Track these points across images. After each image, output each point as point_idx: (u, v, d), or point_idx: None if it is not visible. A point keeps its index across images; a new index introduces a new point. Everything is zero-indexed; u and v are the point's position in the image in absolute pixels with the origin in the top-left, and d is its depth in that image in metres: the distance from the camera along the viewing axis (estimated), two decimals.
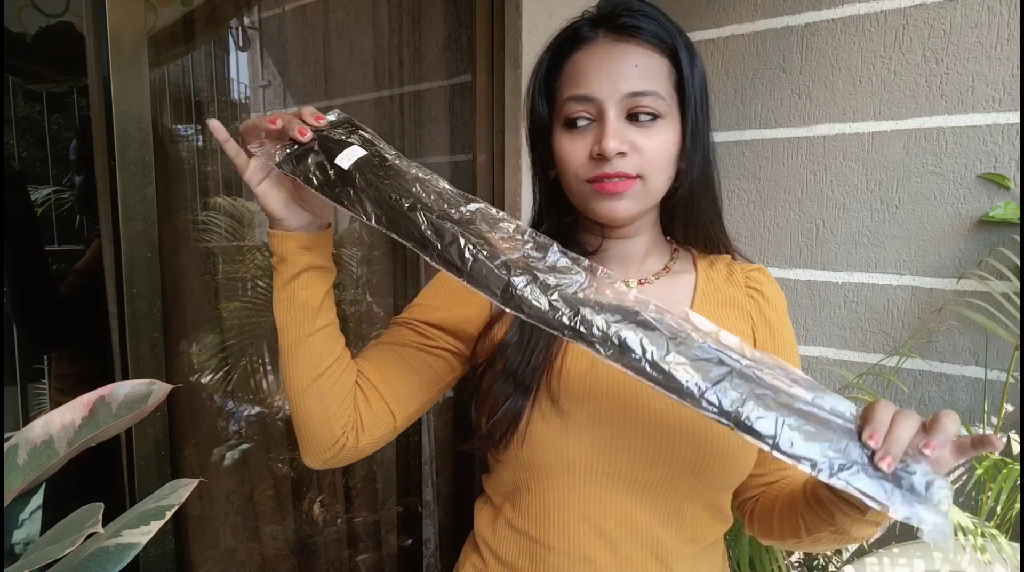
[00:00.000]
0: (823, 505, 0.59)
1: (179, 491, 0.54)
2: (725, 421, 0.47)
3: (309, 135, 0.57)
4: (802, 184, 1.46)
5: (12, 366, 1.48)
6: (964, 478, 1.33)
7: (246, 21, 1.70)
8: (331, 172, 0.55)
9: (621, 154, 0.64)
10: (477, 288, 0.51)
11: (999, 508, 1.19)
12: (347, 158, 0.56)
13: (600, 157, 0.64)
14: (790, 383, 0.49)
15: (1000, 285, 1.23)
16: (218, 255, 1.50)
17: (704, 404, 0.47)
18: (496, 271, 0.51)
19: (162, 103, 1.37)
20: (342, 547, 1.67)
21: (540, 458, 0.66)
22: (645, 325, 0.49)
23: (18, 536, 0.58)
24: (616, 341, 0.49)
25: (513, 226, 0.54)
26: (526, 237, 0.53)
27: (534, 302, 0.50)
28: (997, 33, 1.25)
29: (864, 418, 0.49)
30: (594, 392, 0.66)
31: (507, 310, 0.51)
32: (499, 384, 0.66)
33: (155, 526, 0.49)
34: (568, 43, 0.68)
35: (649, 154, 0.65)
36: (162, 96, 1.38)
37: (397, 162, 0.57)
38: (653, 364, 0.48)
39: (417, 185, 0.55)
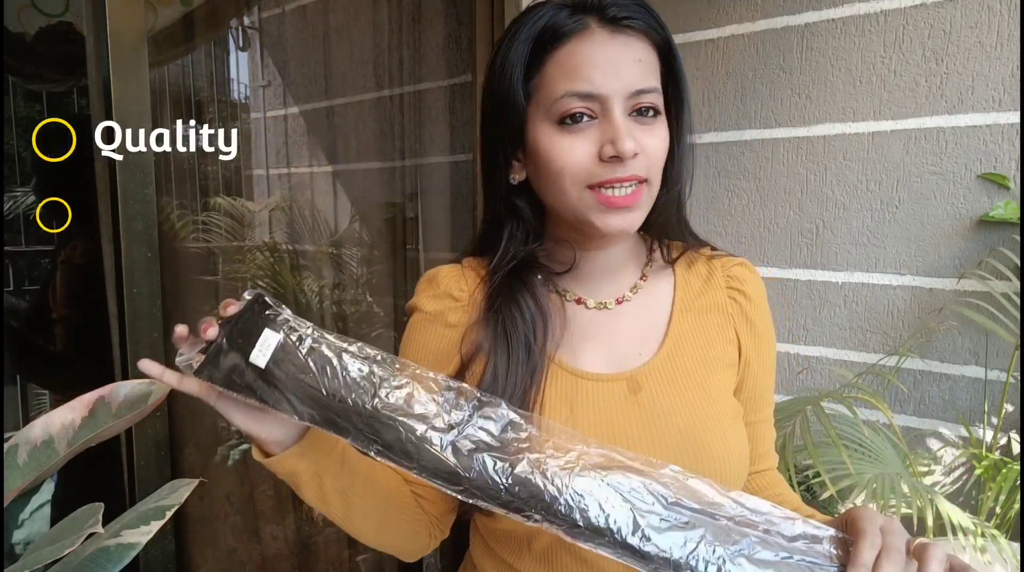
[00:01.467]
0: None
1: (179, 491, 0.54)
2: None
3: (213, 332, 0.50)
4: (802, 184, 1.46)
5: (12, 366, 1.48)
6: (964, 478, 1.33)
7: (246, 21, 1.70)
8: (248, 373, 0.50)
9: (635, 155, 0.58)
10: (430, 480, 0.49)
11: (999, 508, 1.19)
12: (262, 352, 0.50)
13: (614, 159, 0.58)
14: (765, 524, 0.48)
15: (1000, 285, 1.23)
16: (218, 255, 1.51)
17: None
18: (446, 460, 0.48)
19: (162, 103, 1.37)
20: (342, 547, 1.67)
21: None
22: (608, 492, 0.48)
23: (18, 536, 0.58)
24: (582, 525, 0.47)
25: (455, 389, 0.51)
26: (471, 398, 0.51)
27: (491, 492, 0.48)
28: (997, 33, 1.25)
29: (853, 544, 0.47)
30: None
31: (470, 501, 0.49)
32: None
33: (155, 526, 0.50)
34: (552, 32, 0.61)
35: (652, 154, 0.60)
36: (162, 96, 1.38)
37: (315, 337, 0.52)
38: (624, 544, 0.47)
39: (343, 359, 0.51)
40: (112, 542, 0.48)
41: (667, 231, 0.71)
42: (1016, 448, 1.24)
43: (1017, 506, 1.17)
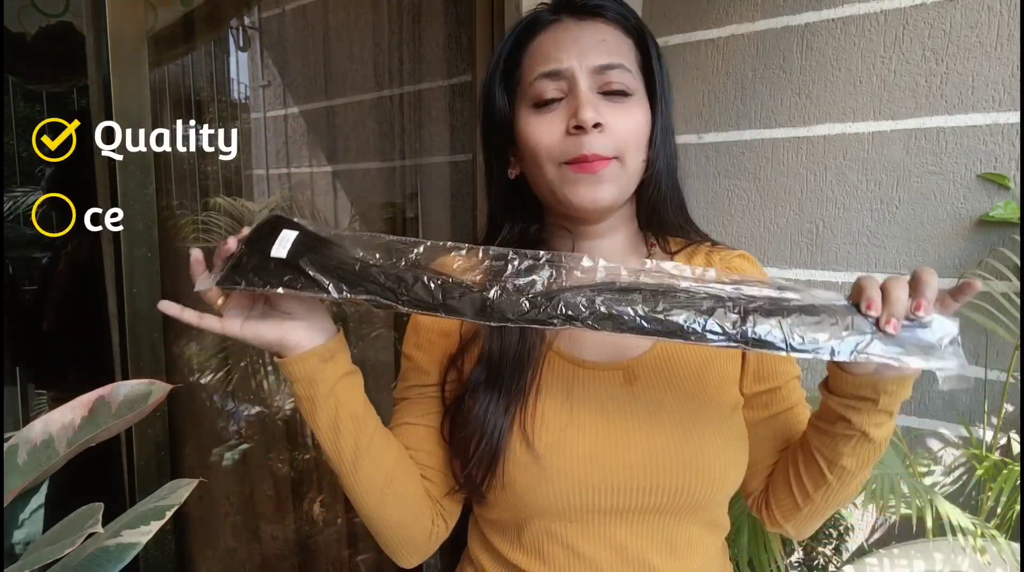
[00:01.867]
0: (836, 417, 0.59)
1: (179, 491, 0.54)
2: (735, 344, 0.48)
3: (233, 243, 0.56)
4: (802, 184, 1.46)
5: (12, 366, 1.48)
6: (964, 478, 1.33)
7: (246, 21, 1.71)
8: (271, 265, 0.54)
9: (598, 126, 0.60)
10: (455, 316, 0.52)
11: (999, 508, 1.19)
12: (282, 246, 0.55)
13: (578, 130, 0.61)
14: (778, 290, 0.52)
15: (1000, 285, 1.23)
16: None
17: (709, 336, 0.49)
18: (467, 293, 0.52)
19: (162, 103, 1.37)
20: (342, 547, 1.67)
21: (520, 501, 0.64)
22: (626, 290, 0.51)
23: (18, 536, 0.58)
24: (605, 312, 0.50)
25: (465, 249, 0.55)
26: (481, 255, 0.54)
27: (515, 306, 0.51)
28: (997, 33, 1.25)
29: (856, 293, 0.51)
30: (568, 434, 0.63)
31: (492, 324, 0.52)
32: (469, 429, 0.64)
33: (155, 526, 0.50)
34: (528, 30, 0.66)
35: (623, 133, 0.62)
36: (162, 96, 1.38)
37: (332, 233, 0.57)
38: (648, 317, 0.50)
39: (359, 247, 0.56)
40: (112, 542, 0.48)
41: (666, 226, 0.72)
42: (1016, 448, 1.24)
43: (1017, 506, 1.17)
